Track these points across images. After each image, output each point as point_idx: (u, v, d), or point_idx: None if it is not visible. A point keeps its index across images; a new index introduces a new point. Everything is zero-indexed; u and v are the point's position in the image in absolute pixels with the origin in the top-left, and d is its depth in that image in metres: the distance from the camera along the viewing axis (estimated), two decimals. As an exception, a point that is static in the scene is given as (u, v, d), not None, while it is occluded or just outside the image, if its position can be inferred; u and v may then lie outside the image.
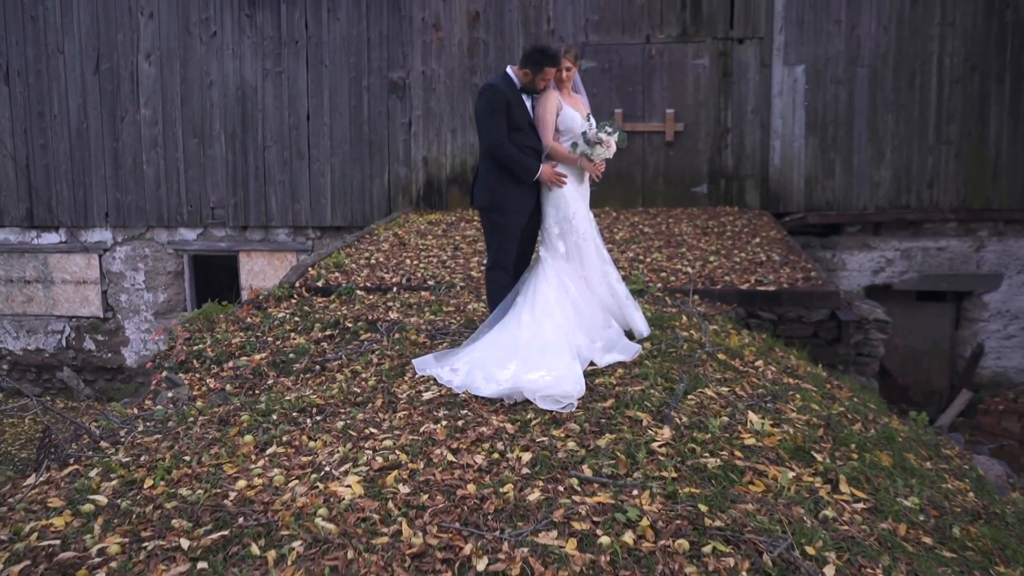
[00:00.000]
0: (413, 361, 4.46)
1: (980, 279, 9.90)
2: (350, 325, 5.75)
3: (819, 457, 3.36)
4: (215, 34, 10.68)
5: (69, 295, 11.48)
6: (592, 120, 4.86)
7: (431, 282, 6.66)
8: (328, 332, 5.72)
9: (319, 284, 6.72)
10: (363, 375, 4.50)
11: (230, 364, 5.37)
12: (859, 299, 6.26)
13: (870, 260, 10.01)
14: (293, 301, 6.53)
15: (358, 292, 6.50)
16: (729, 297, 6.15)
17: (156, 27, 10.77)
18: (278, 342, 5.65)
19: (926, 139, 9.80)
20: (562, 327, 4.42)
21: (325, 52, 10.54)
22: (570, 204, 4.76)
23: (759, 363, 4.57)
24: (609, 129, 4.65)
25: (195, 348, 5.68)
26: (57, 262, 11.44)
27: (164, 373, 5.46)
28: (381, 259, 7.49)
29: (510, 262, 4.80)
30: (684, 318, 5.54)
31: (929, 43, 9.66)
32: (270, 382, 4.93)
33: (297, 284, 6.74)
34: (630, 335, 4.85)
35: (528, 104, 4.79)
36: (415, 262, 7.37)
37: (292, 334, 5.78)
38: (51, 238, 11.44)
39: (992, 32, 9.61)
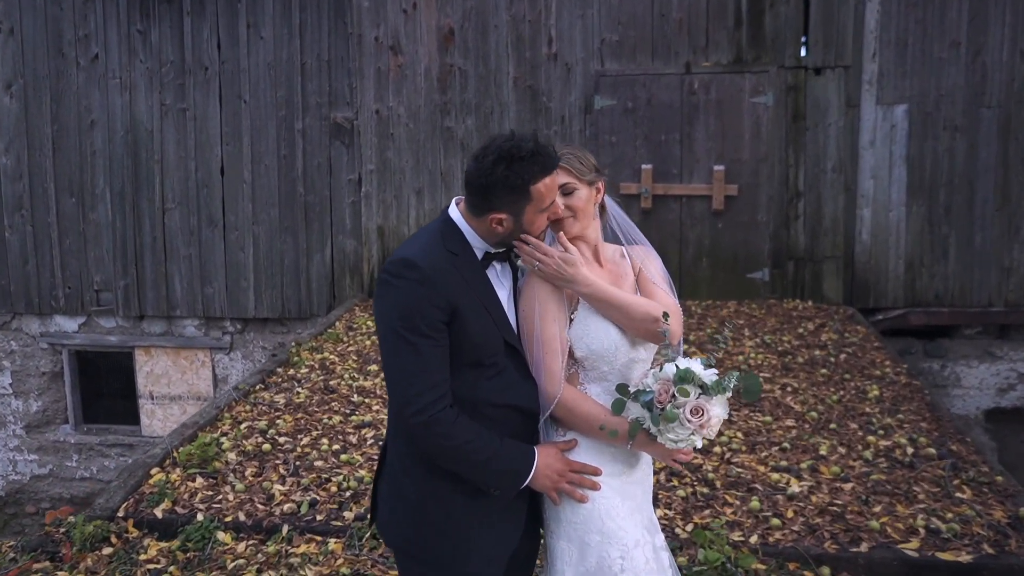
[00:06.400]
0: None
1: None
2: (172, 660, 2.97)
3: None
4: (96, 57, 7.86)
5: (-85, 399, 8.65)
6: (664, 327, 2.02)
7: (350, 510, 3.86)
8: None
9: (157, 512, 3.90)
10: None
11: None
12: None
13: (994, 374, 7.22)
14: (109, 550, 3.73)
15: (219, 536, 3.70)
16: (887, 570, 3.36)
17: (17, 46, 7.95)
18: None
19: (1078, 209, 7.04)
20: None
21: (244, 83, 7.73)
22: (611, 535, 1.99)
23: None
24: (707, 380, 1.85)
25: None
26: None
27: None
28: (281, 438, 4.67)
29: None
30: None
31: (1085, 75, 6.90)
32: None
33: (122, 511, 3.93)
34: None
35: (503, 292, 2.01)
36: (334, 445, 4.56)
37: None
38: None
39: None
